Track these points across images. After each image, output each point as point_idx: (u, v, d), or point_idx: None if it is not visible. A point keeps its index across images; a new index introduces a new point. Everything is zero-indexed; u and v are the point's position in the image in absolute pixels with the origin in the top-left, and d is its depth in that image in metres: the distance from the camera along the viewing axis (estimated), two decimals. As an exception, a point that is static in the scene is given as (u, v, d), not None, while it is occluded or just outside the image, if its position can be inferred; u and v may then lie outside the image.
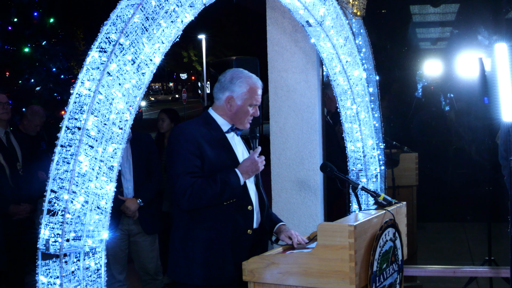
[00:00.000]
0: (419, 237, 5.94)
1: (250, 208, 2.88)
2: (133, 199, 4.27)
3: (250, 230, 2.87)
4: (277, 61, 4.45)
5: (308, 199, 4.35)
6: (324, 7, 3.17)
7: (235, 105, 2.91)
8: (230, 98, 2.91)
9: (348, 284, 2.39)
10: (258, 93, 2.94)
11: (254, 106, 2.94)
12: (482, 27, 7.66)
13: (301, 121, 4.39)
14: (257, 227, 2.93)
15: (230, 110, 2.92)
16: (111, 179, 2.01)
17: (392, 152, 5.46)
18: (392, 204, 2.93)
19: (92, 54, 1.99)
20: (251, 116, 2.96)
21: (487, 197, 5.72)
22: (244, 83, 2.90)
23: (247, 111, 2.92)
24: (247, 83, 2.91)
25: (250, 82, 2.92)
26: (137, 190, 4.31)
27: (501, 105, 3.98)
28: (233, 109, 2.91)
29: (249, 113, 2.93)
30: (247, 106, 2.91)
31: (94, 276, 1.99)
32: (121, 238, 4.32)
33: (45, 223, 1.91)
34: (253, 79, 2.94)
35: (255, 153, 2.85)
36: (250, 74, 2.97)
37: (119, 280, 4.33)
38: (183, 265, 2.84)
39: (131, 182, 4.31)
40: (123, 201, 4.23)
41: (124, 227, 4.32)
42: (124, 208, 4.23)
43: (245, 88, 2.90)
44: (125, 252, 4.39)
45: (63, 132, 1.95)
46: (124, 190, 4.27)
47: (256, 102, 2.93)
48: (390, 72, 8.52)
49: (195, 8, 2.20)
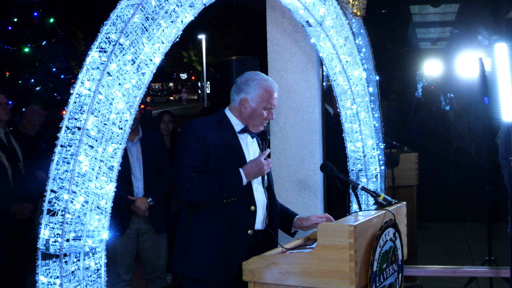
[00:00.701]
0: (419, 237, 5.94)
1: (253, 209, 2.88)
2: (143, 198, 4.30)
3: (251, 231, 2.87)
4: (277, 61, 4.46)
5: (308, 199, 4.35)
6: (324, 7, 3.17)
7: (249, 107, 2.90)
8: (244, 100, 2.91)
9: (348, 284, 2.39)
10: (274, 97, 2.92)
11: (269, 110, 2.93)
12: (482, 27, 7.67)
13: (301, 121, 4.39)
14: (261, 229, 2.93)
15: (244, 112, 2.92)
16: (111, 179, 2.01)
17: (392, 152, 5.46)
18: (392, 204, 2.92)
19: (92, 54, 1.99)
20: (266, 120, 2.95)
21: (487, 197, 5.72)
22: (259, 86, 2.90)
23: (261, 114, 2.91)
24: (262, 86, 2.90)
25: (265, 85, 2.91)
26: (147, 189, 4.34)
27: (501, 105, 3.99)
28: (247, 111, 2.91)
29: (263, 116, 2.92)
30: (261, 109, 2.90)
31: (94, 276, 1.99)
32: (130, 238, 4.35)
33: (45, 223, 1.91)
34: (269, 82, 2.93)
35: (262, 155, 2.84)
36: (266, 77, 2.96)
37: (124, 279, 4.35)
38: (183, 258, 2.89)
39: (141, 181, 4.34)
40: (133, 201, 4.25)
41: (134, 226, 4.35)
42: (135, 208, 4.25)
43: (260, 90, 2.89)
44: (133, 252, 4.42)
45: (63, 132, 1.95)
46: (134, 189, 4.29)
47: (270, 105, 2.91)
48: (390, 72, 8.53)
49: (195, 8, 2.20)
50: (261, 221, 2.94)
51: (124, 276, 4.34)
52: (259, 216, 2.92)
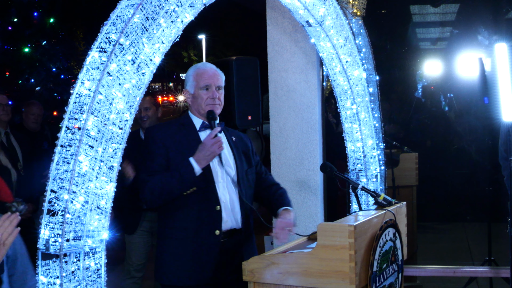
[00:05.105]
0: (419, 237, 5.94)
1: (218, 208, 2.85)
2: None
3: (218, 231, 2.84)
4: (277, 61, 4.45)
5: (308, 199, 4.35)
6: (324, 7, 3.17)
7: (190, 95, 2.97)
8: (186, 92, 2.99)
9: (348, 284, 2.39)
10: (205, 75, 2.94)
11: (208, 89, 2.93)
12: (482, 27, 7.67)
13: (301, 121, 4.39)
14: (230, 229, 2.89)
15: (190, 102, 2.98)
16: (111, 179, 2.01)
17: (392, 152, 5.46)
18: (392, 204, 2.92)
19: (92, 54, 1.99)
20: (211, 99, 2.93)
21: (487, 197, 5.72)
22: (191, 73, 2.98)
23: (201, 96, 2.93)
24: (193, 72, 2.98)
25: (195, 69, 2.99)
26: None
27: (501, 105, 3.98)
28: (191, 100, 2.97)
29: (204, 96, 2.93)
30: (199, 91, 2.93)
31: (94, 276, 1.99)
32: (143, 236, 4.36)
33: (45, 223, 1.91)
34: (199, 65, 3.01)
35: (210, 136, 2.77)
36: (199, 64, 3.04)
37: (133, 276, 4.37)
38: (157, 264, 2.92)
39: None
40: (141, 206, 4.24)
41: (147, 224, 4.35)
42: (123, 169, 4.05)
43: (191, 75, 2.97)
44: (147, 251, 4.42)
45: (63, 132, 1.95)
46: None
47: (204, 83, 2.93)
48: (390, 72, 8.53)
49: (195, 8, 2.19)
50: (230, 221, 2.89)
51: (136, 274, 4.37)
52: (227, 215, 2.88)
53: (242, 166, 2.99)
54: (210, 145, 2.73)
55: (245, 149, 3.08)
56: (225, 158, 2.92)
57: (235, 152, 3.00)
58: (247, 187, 2.98)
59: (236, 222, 2.92)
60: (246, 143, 3.12)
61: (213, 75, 2.95)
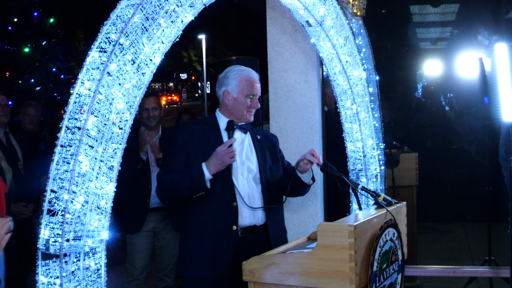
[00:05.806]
0: (419, 237, 5.94)
1: (234, 204, 2.89)
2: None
3: (235, 226, 2.89)
4: (277, 61, 4.45)
5: (308, 199, 4.35)
6: (324, 7, 3.17)
7: (232, 98, 2.96)
8: (226, 93, 2.97)
9: (348, 284, 2.39)
10: (254, 84, 2.97)
11: (252, 98, 2.96)
12: (482, 27, 7.66)
13: (301, 121, 4.39)
14: (249, 225, 2.93)
15: (228, 104, 2.98)
16: (111, 179, 2.01)
17: (392, 152, 5.46)
18: (392, 204, 2.92)
19: (92, 54, 1.99)
20: (252, 108, 2.98)
21: (487, 197, 5.72)
22: (238, 76, 2.97)
23: (244, 103, 2.95)
24: (240, 76, 2.97)
25: (243, 74, 2.98)
26: None
27: (501, 105, 3.98)
28: (230, 103, 2.97)
29: (247, 104, 2.96)
30: (243, 98, 2.95)
31: (94, 276, 1.99)
32: (147, 237, 4.37)
33: (45, 223, 1.91)
34: (246, 71, 3.00)
35: (223, 146, 2.82)
36: (244, 67, 3.03)
37: (137, 278, 4.39)
38: (180, 257, 3.01)
39: None
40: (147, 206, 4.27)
41: (151, 225, 4.36)
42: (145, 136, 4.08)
43: (238, 80, 2.96)
44: (150, 252, 4.44)
45: (63, 132, 1.95)
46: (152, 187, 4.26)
47: (251, 92, 2.96)
48: (390, 72, 8.53)
49: (195, 8, 2.19)
50: (248, 217, 2.93)
51: (139, 275, 4.38)
52: (245, 211, 2.92)
53: (265, 163, 3.05)
54: (222, 154, 2.79)
55: (271, 147, 3.16)
56: (247, 156, 3.00)
57: (257, 149, 3.05)
58: (270, 183, 3.03)
59: (256, 219, 2.95)
60: (273, 141, 3.22)
61: (259, 86, 3.01)
